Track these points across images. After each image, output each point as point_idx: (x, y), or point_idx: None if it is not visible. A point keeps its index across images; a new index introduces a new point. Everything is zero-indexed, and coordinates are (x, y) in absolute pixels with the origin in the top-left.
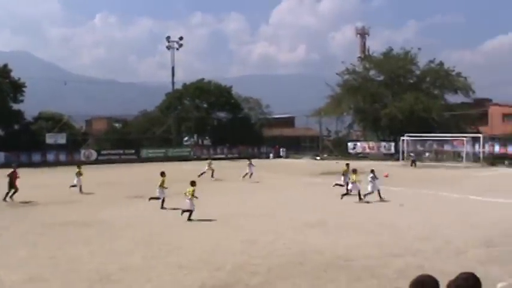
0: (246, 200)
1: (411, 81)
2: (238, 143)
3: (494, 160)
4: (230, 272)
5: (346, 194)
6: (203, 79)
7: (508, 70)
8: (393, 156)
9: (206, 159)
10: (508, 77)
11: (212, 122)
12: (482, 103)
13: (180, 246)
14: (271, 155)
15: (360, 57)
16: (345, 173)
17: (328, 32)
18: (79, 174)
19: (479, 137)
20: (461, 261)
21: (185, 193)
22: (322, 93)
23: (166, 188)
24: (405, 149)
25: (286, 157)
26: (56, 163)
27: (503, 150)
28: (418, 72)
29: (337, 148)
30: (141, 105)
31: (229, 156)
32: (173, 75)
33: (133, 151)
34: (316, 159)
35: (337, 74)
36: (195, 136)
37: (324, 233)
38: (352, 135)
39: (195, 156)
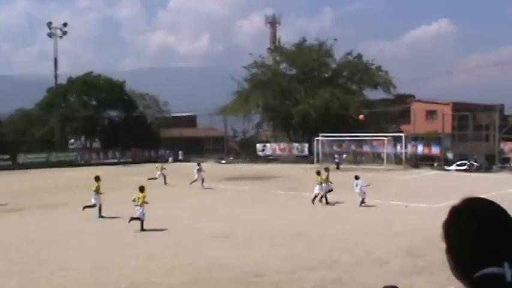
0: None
1: (326, 75)
2: (132, 145)
3: (418, 162)
4: None
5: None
6: (92, 72)
7: (431, 63)
8: (307, 159)
9: (156, 161)
10: (431, 71)
11: (102, 122)
12: (405, 99)
13: (66, 266)
14: (170, 158)
15: (269, 48)
16: (327, 179)
17: (234, 20)
18: None
19: (401, 137)
20: (384, 273)
21: (134, 200)
22: (227, 88)
23: (101, 194)
24: (320, 149)
25: (187, 160)
26: None
27: (427, 151)
28: (334, 65)
29: (245, 150)
30: (17, 102)
31: (122, 160)
32: (56, 67)
33: (8, 156)
34: (221, 162)
35: (244, 67)
36: (83, 138)
37: (231, 245)
38: (261, 135)
39: (82, 162)
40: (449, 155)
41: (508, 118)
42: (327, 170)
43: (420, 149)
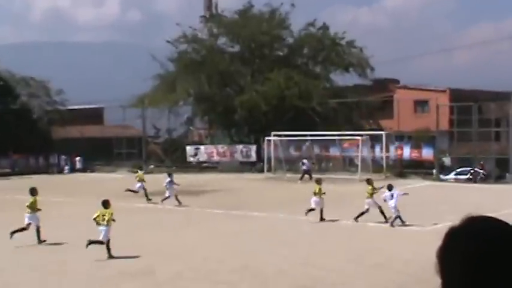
0: (29, 239)
1: (281, 53)
2: (11, 149)
3: (404, 169)
4: None
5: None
6: None
7: (422, 37)
8: (254, 166)
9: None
10: (422, 47)
11: None
12: (386, 85)
13: None
14: (66, 167)
15: (203, 16)
16: (371, 193)
17: None
18: None
19: (381, 136)
20: None
21: (95, 218)
22: (146, 71)
23: (39, 210)
24: (272, 153)
25: (89, 171)
26: None
27: (416, 155)
28: (290, 40)
29: (171, 155)
30: None
31: None
32: None
33: None
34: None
35: (169, 42)
36: None
37: (153, 285)
38: (192, 135)
39: None
40: (446, 160)
41: None
42: (370, 182)
43: (407, 152)
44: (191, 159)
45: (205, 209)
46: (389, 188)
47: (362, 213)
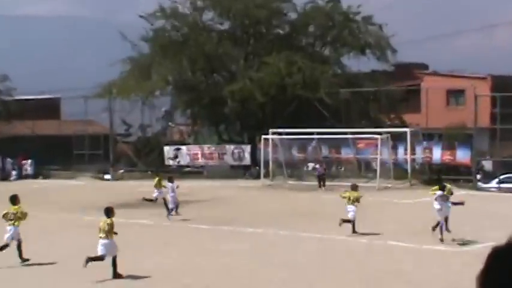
0: None
1: (281, 32)
2: None
3: (434, 175)
4: None
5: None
6: None
7: (456, 11)
8: (248, 171)
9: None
10: (456, 24)
11: None
12: (411, 71)
13: None
14: (13, 173)
15: None
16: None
17: None
18: None
19: (406, 134)
20: None
21: (100, 229)
22: (113, 53)
23: (24, 217)
24: (270, 155)
25: (43, 177)
26: None
27: (449, 157)
28: (293, 15)
29: (145, 157)
30: None
31: None
32: None
33: None
34: (104, 178)
35: (142, 17)
36: None
37: None
38: (172, 132)
39: None
40: (487, 164)
41: None
42: (440, 186)
43: (437, 153)
44: (170, 162)
45: (188, 224)
46: (442, 188)
47: (436, 225)
